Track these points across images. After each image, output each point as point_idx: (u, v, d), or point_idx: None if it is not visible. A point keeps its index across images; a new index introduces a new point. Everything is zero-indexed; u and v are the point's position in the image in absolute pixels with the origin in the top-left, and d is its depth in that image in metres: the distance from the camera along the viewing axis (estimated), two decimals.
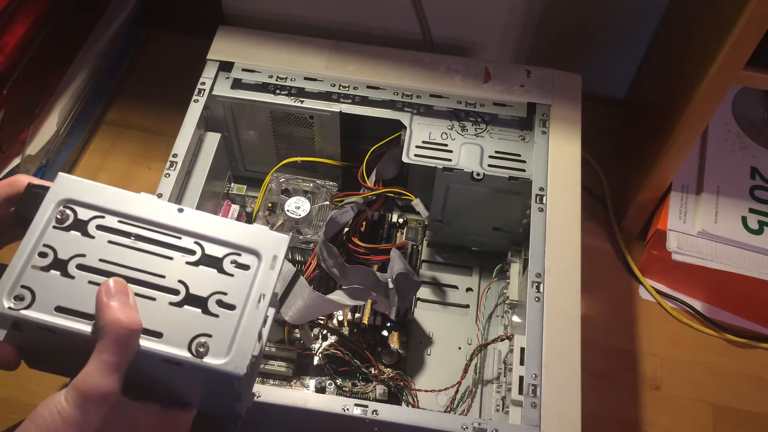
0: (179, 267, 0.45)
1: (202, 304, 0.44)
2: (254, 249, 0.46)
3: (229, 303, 0.44)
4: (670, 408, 0.90)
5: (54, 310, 0.42)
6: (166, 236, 0.46)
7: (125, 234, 0.45)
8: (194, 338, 0.43)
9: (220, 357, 0.43)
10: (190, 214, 0.46)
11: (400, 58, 0.87)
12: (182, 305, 0.44)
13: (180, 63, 1.03)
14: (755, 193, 0.94)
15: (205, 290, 0.44)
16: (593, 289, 0.96)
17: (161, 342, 0.42)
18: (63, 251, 0.44)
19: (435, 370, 0.85)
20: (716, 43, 0.75)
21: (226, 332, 0.43)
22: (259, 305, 0.44)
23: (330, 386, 0.81)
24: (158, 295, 0.44)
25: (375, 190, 0.84)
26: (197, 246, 0.46)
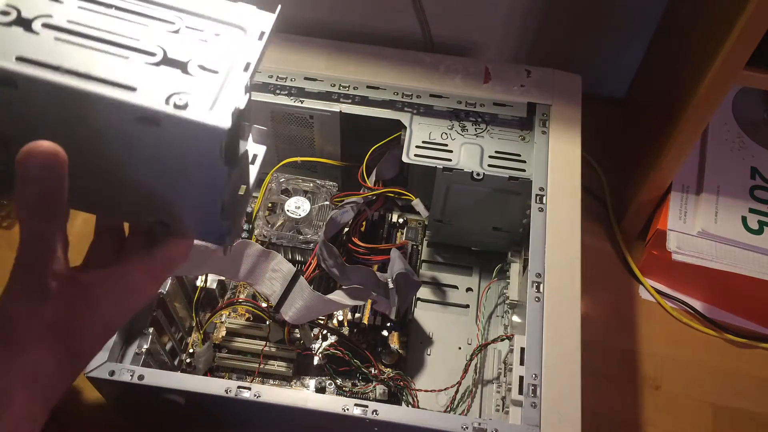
0: (157, 33, 0.40)
1: (181, 66, 0.39)
2: (239, 24, 0.42)
3: (210, 67, 0.39)
4: (670, 408, 0.90)
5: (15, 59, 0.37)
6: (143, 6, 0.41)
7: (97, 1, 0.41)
8: (173, 94, 0.37)
9: (202, 111, 0.37)
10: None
11: (400, 58, 0.87)
12: (159, 65, 0.39)
13: None
14: (755, 193, 0.94)
15: (185, 55, 0.40)
16: (593, 289, 0.96)
17: (135, 94, 0.37)
18: (27, 10, 0.39)
19: (435, 370, 0.85)
20: (716, 43, 0.75)
21: (209, 91, 0.38)
22: (246, 69, 0.40)
23: (330, 386, 0.81)
24: (132, 54, 0.39)
25: (375, 190, 0.84)
26: (177, 18, 0.41)
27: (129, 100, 0.37)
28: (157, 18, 0.41)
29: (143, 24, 0.40)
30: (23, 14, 0.39)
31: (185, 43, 0.40)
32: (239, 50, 0.40)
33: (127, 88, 0.37)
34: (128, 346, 0.70)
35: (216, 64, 0.39)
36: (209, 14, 0.42)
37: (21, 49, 0.37)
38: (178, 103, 0.37)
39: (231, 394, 0.65)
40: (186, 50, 0.40)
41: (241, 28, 0.41)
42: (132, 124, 0.37)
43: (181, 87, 0.38)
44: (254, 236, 0.83)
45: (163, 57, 0.39)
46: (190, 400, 0.66)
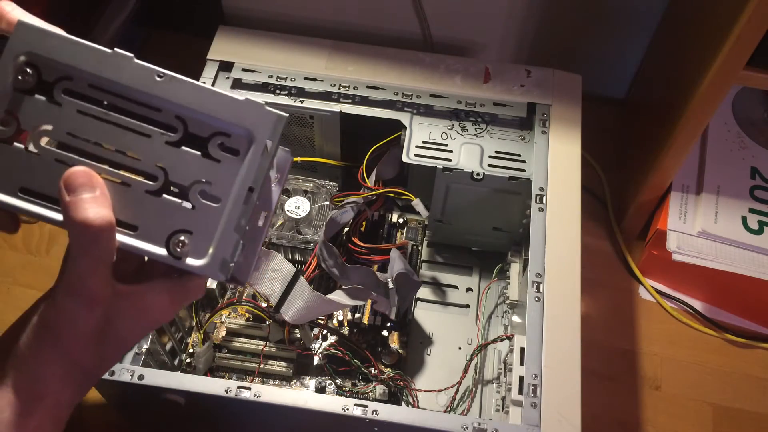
0: (158, 147, 0.38)
1: (183, 194, 0.38)
2: (246, 128, 0.38)
3: (213, 195, 0.38)
4: (670, 408, 0.90)
5: (18, 192, 0.37)
6: (143, 108, 0.38)
7: (97, 102, 0.38)
8: (172, 234, 0.37)
9: (200, 258, 0.37)
10: (171, 81, 0.38)
11: (400, 58, 0.87)
12: (160, 194, 0.38)
13: (180, 63, 1.03)
14: (755, 193, 0.94)
15: (187, 178, 0.38)
16: (593, 289, 0.96)
17: (136, 237, 0.37)
18: (25, 121, 0.37)
19: (435, 370, 0.85)
20: (716, 43, 0.75)
21: (208, 230, 0.37)
22: (247, 201, 0.38)
23: (330, 386, 0.81)
24: (133, 180, 0.38)
25: (375, 190, 0.83)
26: (179, 122, 0.38)
27: (131, 245, 0.37)
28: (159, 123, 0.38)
29: (145, 134, 0.38)
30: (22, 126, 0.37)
31: (186, 161, 0.38)
32: (245, 168, 0.38)
33: (129, 227, 0.37)
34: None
35: (218, 189, 0.38)
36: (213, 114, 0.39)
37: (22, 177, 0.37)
38: (176, 249, 0.37)
39: (231, 394, 0.64)
40: (187, 171, 0.38)
41: (247, 135, 0.38)
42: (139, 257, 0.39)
43: (181, 223, 0.37)
44: None
45: (164, 182, 0.38)
46: (190, 400, 0.66)
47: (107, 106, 0.38)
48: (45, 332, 0.39)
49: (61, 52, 0.38)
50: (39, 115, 0.37)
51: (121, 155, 0.38)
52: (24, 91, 0.38)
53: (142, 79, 0.38)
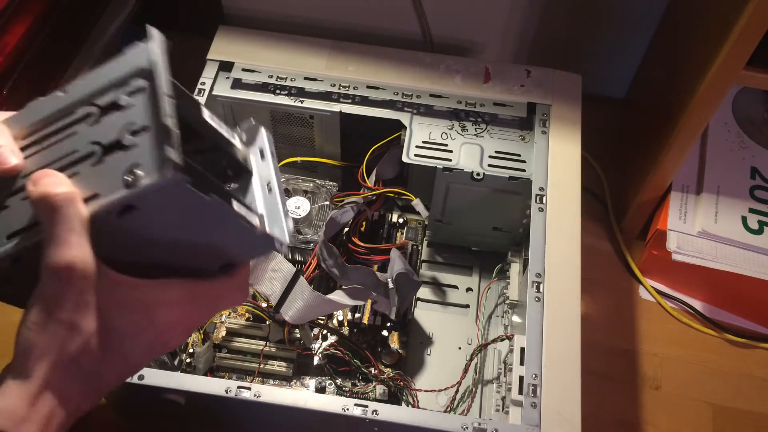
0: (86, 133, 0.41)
1: (118, 146, 0.39)
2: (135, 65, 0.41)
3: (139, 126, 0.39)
4: (670, 408, 0.90)
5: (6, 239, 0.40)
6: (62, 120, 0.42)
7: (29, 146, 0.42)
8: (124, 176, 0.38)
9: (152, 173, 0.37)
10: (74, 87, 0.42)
11: (400, 58, 0.87)
12: (104, 159, 0.39)
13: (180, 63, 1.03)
14: (755, 193, 0.94)
15: (116, 133, 0.39)
16: (593, 289, 0.96)
17: (99, 199, 0.38)
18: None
19: (435, 370, 0.85)
20: (716, 43, 0.75)
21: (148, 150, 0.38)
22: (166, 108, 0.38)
23: (330, 386, 0.81)
24: (80, 167, 0.40)
25: (375, 190, 0.83)
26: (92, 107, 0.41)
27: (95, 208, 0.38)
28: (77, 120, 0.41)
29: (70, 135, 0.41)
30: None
31: (109, 124, 0.40)
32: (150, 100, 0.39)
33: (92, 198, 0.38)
34: None
35: (141, 120, 0.39)
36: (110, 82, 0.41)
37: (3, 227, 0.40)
38: (128, 179, 0.37)
39: (231, 394, 0.65)
40: (113, 129, 0.40)
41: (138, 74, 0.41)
42: (117, 219, 0.38)
43: (127, 163, 0.38)
44: None
45: (101, 150, 0.39)
46: (190, 400, 0.66)
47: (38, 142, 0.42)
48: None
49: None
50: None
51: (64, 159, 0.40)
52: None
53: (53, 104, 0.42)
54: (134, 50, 0.41)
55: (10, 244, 0.39)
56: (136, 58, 0.41)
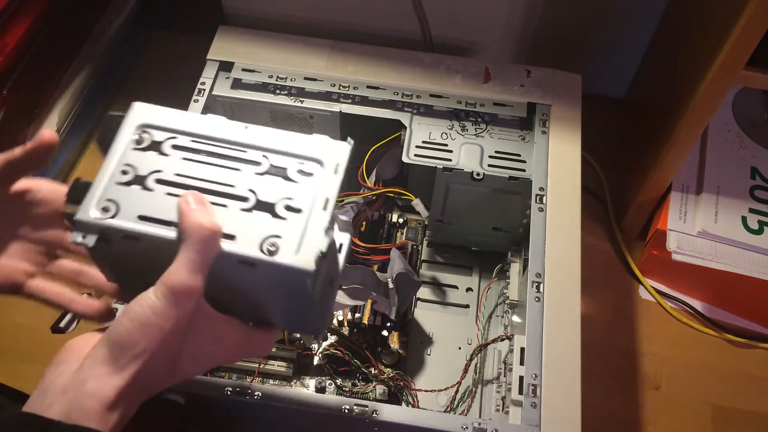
0: (248, 177, 0.46)
1: (271, 208, 0.45)
2: (317, 158, 0.47)
3: (296, 207, 0.45)
4: (670, 408, 0.90)
5: (137, 218, 0.44)
6: (234, 151, 0.48)
7: (197, 151, 0.48)
8: (265, 239, 0.44)
9: (289, 255, 0.43)
10: (255, 130, 0.48)
11: (400, 58, 0.87)
12: (252, 210, 0.45)
13: (180, 63, 1.04)
14: (755, 193, 0.95)
15: (273, 196, 0.46)
16: (593, 289, 0.96)
17: (235, 243, 0.44)
18: (142, 168, 0.46)
19: (435, 370, 0.85)
20: (716, 43, 0.75)
21: (295, 233, 0.44)
22: (325, 208, 0.46)
23: (330, 386, 0.81)
24: (230, 202, 0.46)
25: (375, 190, 0.83)
26: (263, 158, 0.47)
27: (230, 250, 0.43)
28: (247, 160, 0.47)
29: (236, 168, 0.47)
30: (139, 172, 0.46)
31: (272, 185, 0.46)
32: (319, 185, 0.46)
33: (228, 237, 0.44)
34: None
35: (299, 202, 0.46)
36: (290, 150, 0.48)
37: (140, 208, 0.45)
38: (269, 249, 0.43)
39: (231, 394, 0.65)
40: (273, 191, 0.46)
41: (319, 161, 0.47)
42: (235, 264, 0.44)
43: (271, 230, 0.44)
44: None
45: (255, 202, 0.46)
46: (190, 400, 0.66)
47: (206, 152, 0.47)
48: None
49: (168, 121, 0.48)
50: (152, 164, 0.47)
51: (219, 185, 0.46)
52: (141, 149, 0.47)
53: (233, 132, 0.48)
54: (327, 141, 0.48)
55: (138, 225, 0.44)
56: (323, 147, 0.48)
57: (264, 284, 0.46)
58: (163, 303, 0.41)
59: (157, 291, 0.41)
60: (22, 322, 0.74)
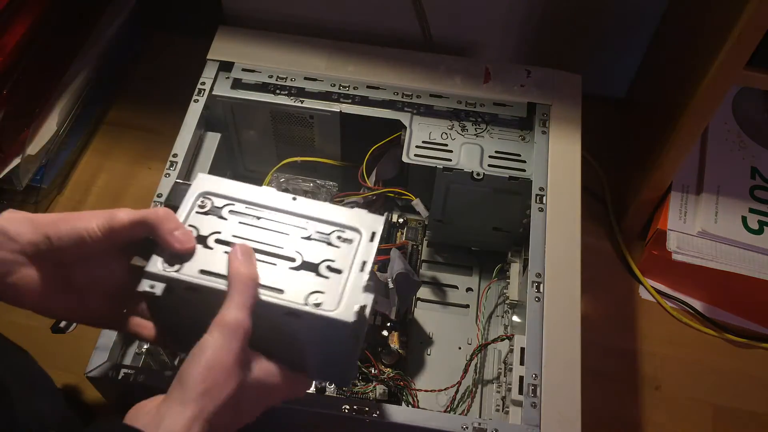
0: (295, 241, 0.54)
1: (315, 268, 0.53)
2: (355, 227, 0.55)
3: (336, 268, 0.53)
4: (670, 408, 0.90)
5: (199, 272, 0.51)
6: (284, 217, 0.55)
7: (251, 216, 0.55)
8: (310, 294, 0.51)
9: (331, 309, 0.50)
10: (302, 202, 0.56)
11: (400, 58, 0.87)
12: (299, 269, 0.52)
13: (180, 63, 1.04)
14: (755, 193, 0.94)
15: (317, 258, 0.53)
16: (593, 289, 0.96)
17: (282, 297, 0.51)
18: (203, 229, 0.54)
19: (435, 370, 0.85)
20: (716, 43, 0.75)
21: (336, 290, 0.51)
22: (362, 269, 0.52)
23: (330, 386, 0.81)
24: (279, 261, 0.53)
25: (375, 190, 0.83)
26: (309, 225, 0.55)
27: (278, 302, 0.50)
28: (294, 226, 0.55)
29: (284, 233, 0.55)
30: (201, 232, 0.54)
31: (316, 248, 0.54)
32: (357, 250, 0.54)
33: (277, 291, 0.51)
34: (128, 346, 0.70)
35: (340, 264, 0.53)
36: (332, 219, 0.55)
37: (202, 263, 0.52)
38: (314, 302, 0.50)
39: None
40: (317, 254, 0.53)
41: (357, 231, 0.55)
42: (282, 315, 0.51)
43: (315, 287, 0.51)
44: None
45: (301, 262, 0.53)
46: None
47: (258, 218, 0.55)
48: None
49: (226, 190, 0.56)
50: (212, 226, 0.54)
51: (270, 246, 0.54)
52: (203, 213, 0.55)
53: (282, 202, 0.56)
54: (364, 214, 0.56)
55: (199, 279, 0.51)
56: (361, 219, 0.55)
57: (306, 334, 0.52)
58: (219, 339, 0.46)
59: (213, 331, 0.47)
60: (21, 322, 0.74)
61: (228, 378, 0.47)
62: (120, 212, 0.51)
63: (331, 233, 0.55)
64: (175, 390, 0.46)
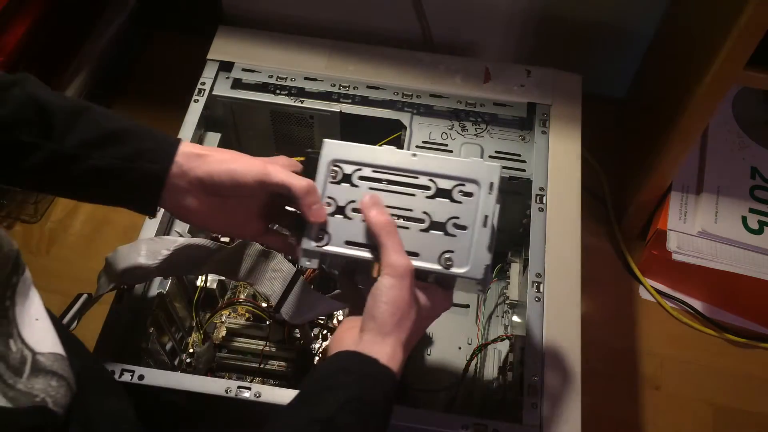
0: (421, 201, 0.58)
1: (442, 227, 0.57)
2: (474, 179, 0.57)
3: (462, 224, 0.57)
4: (670, 408, 0.90)
5: (344, 243, 0.57)
6: (407, 178, 0.58)
7: (379, 180, 0.58)
8: (441, 254, 0.56)
9: (462, 267, 0.56)
10: (421, 158, 0.58)
11: (400, 58, 0.87)
12: (428, 230, 0.57)
13: (180, 63, 1.04)
14: (755, 193, 0.94)
15: (443, 216, 0.57)
16: (593, 289, 0.96)
17: (419, 259, 0.56)
18: (340, 200, 0.58)
19: (435, 370, 0.84)
20: (716, 43, 0.75)
21: (464, 247, 0.56)
22: (485, 225, 0.56)
23: None
24: (410, 224, 0.57)
25: None
26: (431, 182, 0.58)
27: (417, 265, 0.55)
28: (419, 186, 0.58)
29: (411, 194, 0.58)
30: (338, 203, 0.58)
31: (441, 206, 0.57)
32: (478, 203, 0.57)
33: (413, 255, 0.56)
34: (128, 346, 0.70)
35: (464, 220, 0.57)
36: (451, 173, 0.58)
37: (345, 234, 0.57)
38: (447, 263, 0.56)
39: (231, 394, 0.64)
40: (442, 212, 0.57)
41: (476, 182, 0.57)
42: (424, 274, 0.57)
43: (445, 246, 0.56)
44: None
45: (429, 223, 0.57)
46: (190, 400, 0.66)
47: (386, 181, 0.58)
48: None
49: (352, 155, 0.59)
50: (347, 195, 0.58)
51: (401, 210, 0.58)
52: (335, 183, 0.58)
53: (404, 161, 0.58)
54: (479, 163, 0.58)
55: (346, 249, 0.57)
56: (478, 170, 0.58)
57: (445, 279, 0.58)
58: (395, 282, 0.53)
59: (386, 277, 0.54)
60: None
61: (409, 309, 0.54)
62: (273, 172, 0.57)
63: (453, 189, 0.57)
64: (370, 325, 0.54)
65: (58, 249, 1.02)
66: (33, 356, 0.48)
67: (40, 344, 0.49)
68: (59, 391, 0.47)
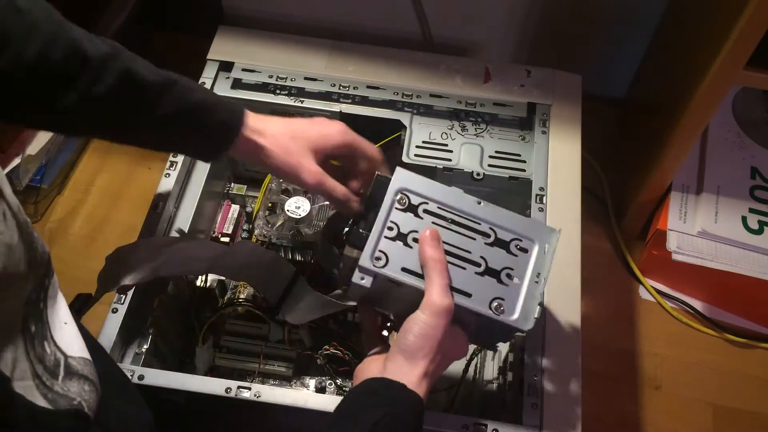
0: (480, 246, 0.60)
1: (496, 275, 0.59)
2: (531, 237, 0.60)
3: (516, 276, 0.59)
4: (670, 408, 0.90)
5: (401, 270, 0.58)
6: (471, 222, 0.60)
7: (443, 218, 0.60)
8: (493, 300, 0.58)
9: (512, 315, 0.58)
10: (486, 207, 0.61)
11: (400, 58, 0.87)
12: (483, 275, 0.59)
13: (180, 63, 1.04)
14: (755, 193, 0.94)
15: (498, 265, 0.59)
16: (593, 289, 0.96)
17: (470, 300, 0.58)
18: (403, 227, 0.59)
19: None
20: (716, 43, 0.75)
21: (515, 298, 0.58)
22: (537, 281, 0.59)
23: (330, 386, 0.81)
24: (467, 265, 0.59)
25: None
26: (492, 231, 0.60)
27: (467, 305, 0.57)
28: (480, 231, 0.60)
29: (471, 237, 0.60)
30: (401, 230, 0.60)
31: (498, 255, 0.60)
32: (532, 261, 0.60)
33: (465, 294, 0.58)
34: (128, 346, 0.70)
35: (518, 273, 0.59)
36: (512, 228, 0.60)
37: (403, 261, 0.58)
38: (497, 309, 0.58)
39: (231, 394, 0.65)
40: (498, 261, 0.59)
41: (533, 241, 0.60)
42: (469, 314, 0.58)
43: (497, 293, 0.58)
44: (254, 236, 0.83)
45: (485, 267, 0.59)
46: (190, 400, 0.66)
47: (449, 220, 0.60)
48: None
49: (421, 188, 0.61)
50: (410, 225, 0.60)
51: (460, 250, 0.60)
52: (401, 210, 0.60)
53: (469, 205, 0.61)
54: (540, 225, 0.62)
55: (402, 275, 0.58)
56: (539, 231, 0.61)
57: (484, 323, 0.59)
58: (433, 319, 0.55)
59: (425, 311, 0.56)
60: None
61: (440, 346, 0.56)
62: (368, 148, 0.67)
63: (511, 241, 0.60)
64: (398, 354, 0.56)
65: (58, 249, 1.02)
66: (65, 359, 0.48)
67: (70, 348, 0.49)
68: (91, 396, 0.48)
